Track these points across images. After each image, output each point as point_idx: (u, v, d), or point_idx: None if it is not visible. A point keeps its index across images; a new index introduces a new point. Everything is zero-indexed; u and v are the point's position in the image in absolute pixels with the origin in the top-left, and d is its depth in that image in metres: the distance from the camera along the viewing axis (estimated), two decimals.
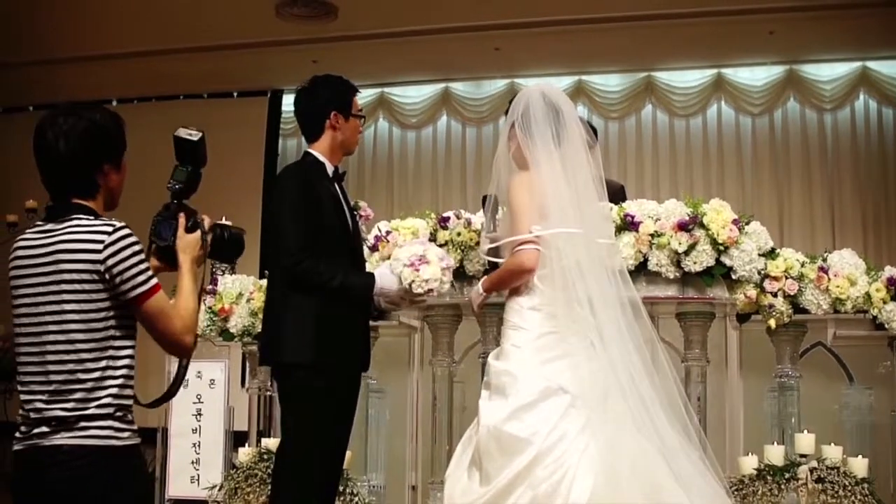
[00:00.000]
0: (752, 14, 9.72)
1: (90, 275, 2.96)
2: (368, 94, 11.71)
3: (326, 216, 4.34)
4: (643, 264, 5.12)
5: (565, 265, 4.08)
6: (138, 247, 3.02)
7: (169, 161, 3.58)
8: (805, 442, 5.14)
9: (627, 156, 11.32)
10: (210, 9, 9.82)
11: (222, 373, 6.09)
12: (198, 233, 3.31)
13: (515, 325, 4.16)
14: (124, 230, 3.01)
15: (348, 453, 4.81)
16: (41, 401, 2.98)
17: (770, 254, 5.27)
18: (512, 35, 10.34)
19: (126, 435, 3.02)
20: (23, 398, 3.04)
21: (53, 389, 2.96)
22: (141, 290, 2.99)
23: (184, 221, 3.31)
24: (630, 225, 5.13)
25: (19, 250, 3.08)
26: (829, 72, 10.89)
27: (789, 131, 11.02)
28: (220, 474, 5.81)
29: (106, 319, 2.99)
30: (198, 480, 5.97)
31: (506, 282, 4.28)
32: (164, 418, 6.12)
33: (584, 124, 4.41)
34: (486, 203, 4.59)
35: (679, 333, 5.41)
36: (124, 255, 2.97)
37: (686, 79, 11.22)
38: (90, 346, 2.97)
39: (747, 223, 5.21)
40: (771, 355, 5.46)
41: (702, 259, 5.06)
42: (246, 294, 5.88)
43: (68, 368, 2.96)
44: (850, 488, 4.95)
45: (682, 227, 5.05)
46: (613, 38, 10.32)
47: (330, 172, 4.47)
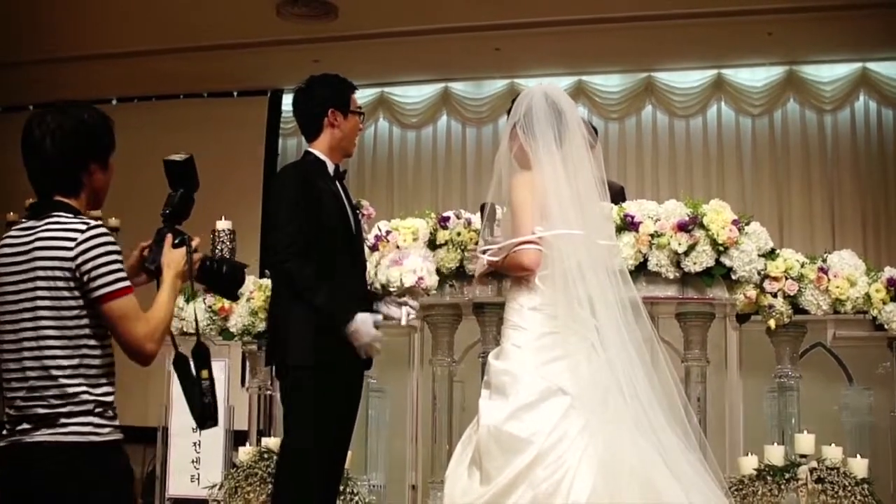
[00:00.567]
0: (752, 15, 9.71)
1: (63, 272, 2.98)
2: (368, 93, 11.70)
3: (326, 215, 4.34)
4: (643, 264, 5.13)
5: (566, 266, 4.08)
6: (112, 247, 3.02)
7: None
8: (805, 442, 5.14)
9: (627, 156, 11.32)
10: (210, 8, 9.81)
11: (222, 372, 6.08)
12: (183, 249, 3.30)
13: (516, 324, 4.16)
14: (98, 229, 3.02)
15: (349, 453, 4.81)
16: (20, 398, 3.00)
17: (770, 254, 5.27)
18: (512, 35, 10.33)
19: (106, 431, 3.02)
20: (6, 395, 3.06)
21: (30, 386, 2.99)
22: (107, 290, 2.98)
23: (170, 239, 3.31)
24: (630, 225, 5.14)
25: (3, 248, 3.10)
26: (829, 73, 10.89)
27: (789, 132, 11.01)
28: (220, 473, 5.81)
29: (79, 318, 3.00)
30: (198, 479, 5.97)
31: (507, 269, 4.29)
32: (164, 417, 6.12)
33: (585, 124, 4.43)
34: (484, 211, 4.60)
35: (679, 334, 5.41)
36: (95, 253, 2.98)
37: (686, 79, 11.21)
38: (62, 342, 2.99)
39: (747, 224, 5.22)
40: (771, 356, 5.46)
41: (701, 259, 5.06)
42: (246, 293, 5.88)
43: (42, 364, 2.98)
44: (849, 489, 4.95)
45: (682, 227, 5.06)
46: (614, 38, 10.32)
47: (331, 171, 4.46)
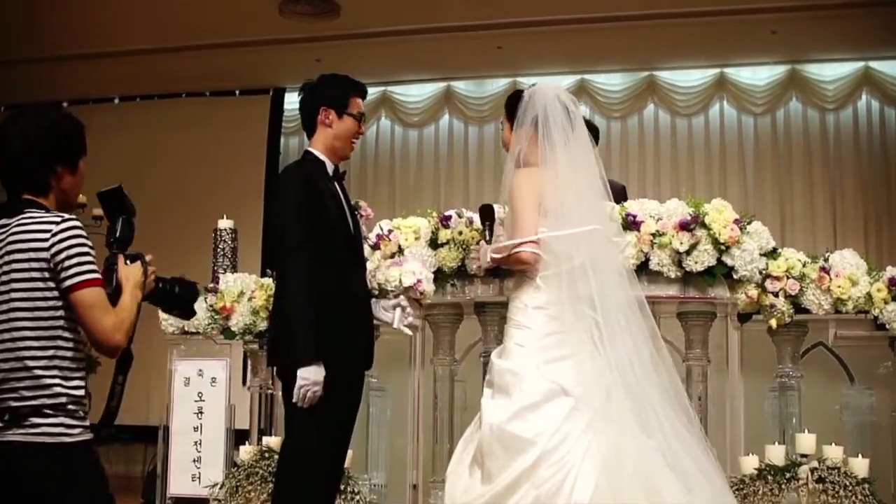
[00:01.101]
0: (754, 14, 9.73)
1: (38, 263, 3.03)
2: (371, 92, 11.62)
3: (328, 214, 4.33)
4: (645, 264, 5.12)
5: (571, 266, 4.09)
6: (85, 240, 3.07)
7: (169, 158, 3.63)
8: (806, 442, 5.14)
9: (629, 155, 11.33)
10: (212, 7, 9.83)
11: (224, 371, 6.08)
12: (138, 263, 3.30)
13: (519, 323, 4.16)
14: (73, 222, 3.08)
15: (350, 452, 4.81)
16: None
17: (771, 253, 5.26)
18: (514, 34, 10.35)
19: (77, 431, 3.04)
20: None
21: (2, 378, 3.00)
22: (78, 279, 3.03)
23: (122, 259, 3.30)
24: (632, 224, 5.13)
25: None
26: (831, 72, 10.89)
27: (791, 131, 11.02)
28: (221, 472, 5.80)
29: (54, 309, 3.04)
30: (199, 478, 5.97)
31: (510, 265, 4.33)
32: (165, 416, 6.12)
33: (587, 124, 4.45)
34: (484, 214, 4.61)
35: (680, 333, 5.41)
36: (69, 243, 3.04)
37: (688, 78, 11.23)
38: (37, 333, 3.02)
39: (749, 223, 5.21)
40: (772, 355, 5.46)
41: (703, 259, 5.05)
42: (248, 293, 5.88)
43: (15, 356, 3.01)
44: (850, 488, 4.95)
45: (684, 226, 5.05)
46: (616, 37, 10.33)
47: (330, 171, 4.46)
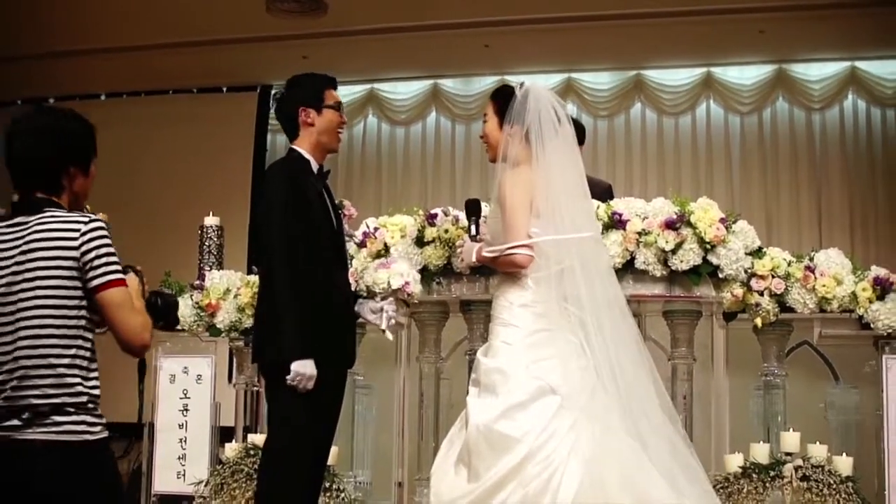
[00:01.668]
0: (741, 13, 9.73)
1: (67, 261, 3.04)
2: (357, 89, 11.70)
3: (313, 213, 4.33)
4: (630, 262, 5.13)
5: (563, 267, 4.10)
6: (110, 241, 3.11)
7: (158, 154, 3.65)
8: (790, 440, 5.15)
9: (616, 154, 11.32)
10: (200, 3, 9.79)
11: (209, 368, 6.06)
12: (131, 274, 3.32)
13: (505, 321, 4.16)
14: (100, 223, 3.11)
15: (335, 449, 4.81)
16: (10, 388, 3.01)
17: (757, 252, 5.28)
18: (502, 32, 10.33)
19: (98, 429, 3.08)
20: None
21: (22, 374, 3.01)
22: (108, 278, 3.06)
23: None
24: (617, 223, 5.14)
25: None
26: (818, 71, 10.90)
27: (778, 130, 11.02)
28: (206, 470, 5.79)
29: (78, 308, 3.07)
30: (184, 476, 5.95)
31: (499, 266, 4.30)
32: (150, 413, 6.10)
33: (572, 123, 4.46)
34: (470, 209, 4.60)
35: (666, 331, 5.43)
36: (98, 243, 3.07)
37: (675, 77, 11.22)
38: (62, 332, 3.04)
39: (734, 222, 5.22)
40: (757, 354, 5.47)
41: (689, 258, 5.06)
42: (233, 290, 5.87)
43: (39, 353, 3.01)
44: (834, 486, 4.97)
45: (670, 225, 5.06)
46: (603, 36, 10.33)
47: (314, 169, 4.45)
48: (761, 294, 5.20)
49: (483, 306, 5.18)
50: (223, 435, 6.06)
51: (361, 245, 5.40)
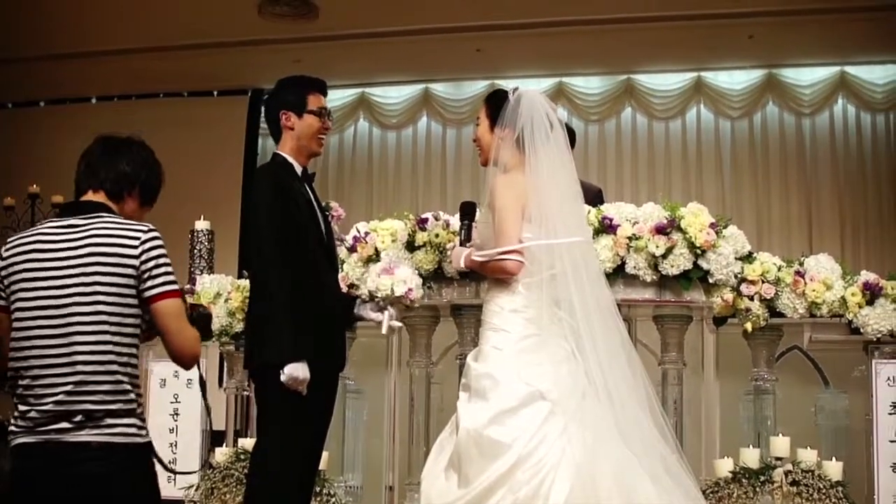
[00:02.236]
0: (732, 18, 9.77)
1: (127, 269, 3.09)
2: (349, 93, 11.71)
3: (300, 216, 4.33)
4: (621, 267, 5.13)
5: (552, 273, 4.10)
6: (166, 251, 3.17)
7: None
8: (780, 445, 5.16)
9: (607, 158, 11.36)
10: (191, 7, 9.80)
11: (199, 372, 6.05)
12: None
13: (496, 326, 4.15)
14: (157, 232, 3.17)
15: (325, 453, 4.80)
16: (65, 392, 3.03)
17: (747, 257, 5.29)
18: (493, 36, 10.36)
19: (145, 433, 3.15)
20: (36, 392, 3.07)
21: (79, 381, 3.03)
22: (165, 288, 3.12)
23: None
24: (608, 228, 5.14)
25: (37, 244, 3.14)
26: (808, 76, 10.96)
27: (768, 135, 11.07)
28: (196, 474, 5.79)
29: (135, 317, 3.12)
30: (174, 480, 5.93)
31: (488, 272, 4.29)
32: None
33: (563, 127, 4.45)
34: (464, 212, 4.59)
35: (656, 336, 5.42)
36: (156, 252, 3.13)
37: (666, 82, 11.26)
38: (119, 339, 3.08)
39: (724, 227, 5.23)
40: (747, 359, 5.48)
41: (679, 262, 5.07)
42: (224, 294, 5.87)
43: (98, 360, 3.04)
44: (824, 491, 4.97)
45: (660, 230, 5.06)
46: (594, 40, 10.36)
47: (298, 172, 4.45)
48: (751, 299, 5.21)
49: (474, 311, 5.17)
50: (214, 439, 6.05)
51: (352, 250, 5.40)
